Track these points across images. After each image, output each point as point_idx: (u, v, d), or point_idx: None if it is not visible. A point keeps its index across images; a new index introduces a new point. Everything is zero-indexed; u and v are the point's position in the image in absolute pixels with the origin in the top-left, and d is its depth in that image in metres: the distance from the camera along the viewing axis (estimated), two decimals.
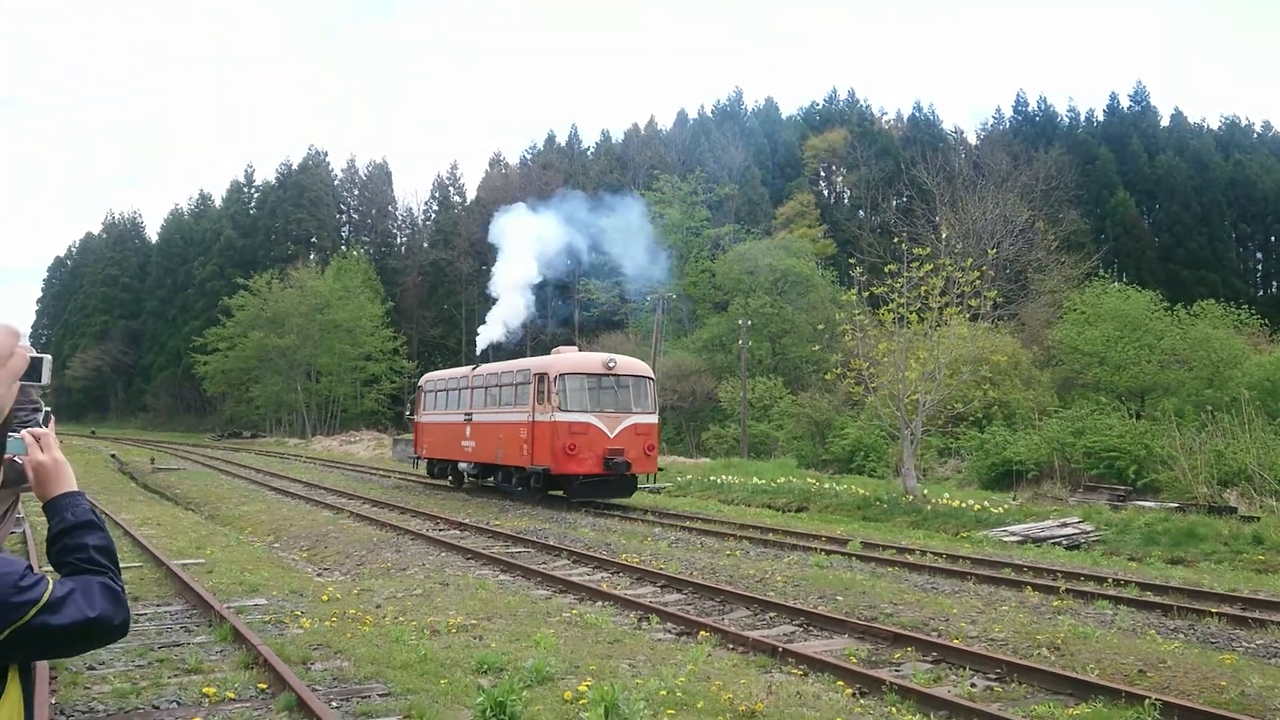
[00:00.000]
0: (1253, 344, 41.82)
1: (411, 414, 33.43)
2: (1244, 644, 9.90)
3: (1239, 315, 43.17)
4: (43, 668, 7.32)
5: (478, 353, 35.05)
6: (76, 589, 2.00)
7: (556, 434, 22.30)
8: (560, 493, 23.83)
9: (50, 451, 2.25)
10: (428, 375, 32.98)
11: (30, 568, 1.96)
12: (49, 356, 3.22)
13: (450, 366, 30.91)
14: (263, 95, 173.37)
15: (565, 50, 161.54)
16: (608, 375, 23.54)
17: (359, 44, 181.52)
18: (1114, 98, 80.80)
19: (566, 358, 24.33)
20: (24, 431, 2.27)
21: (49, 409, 3.00)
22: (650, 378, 24.60)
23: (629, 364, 24.47)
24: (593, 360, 24.12)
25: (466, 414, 27.19)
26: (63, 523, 2.16)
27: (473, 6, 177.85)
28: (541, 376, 23.27)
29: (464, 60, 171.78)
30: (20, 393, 3.12)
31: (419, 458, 31.53)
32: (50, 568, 2.15)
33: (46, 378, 3.17)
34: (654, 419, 24.00)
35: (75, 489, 2.24)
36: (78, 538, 2.13)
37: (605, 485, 23.02)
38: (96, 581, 2.05)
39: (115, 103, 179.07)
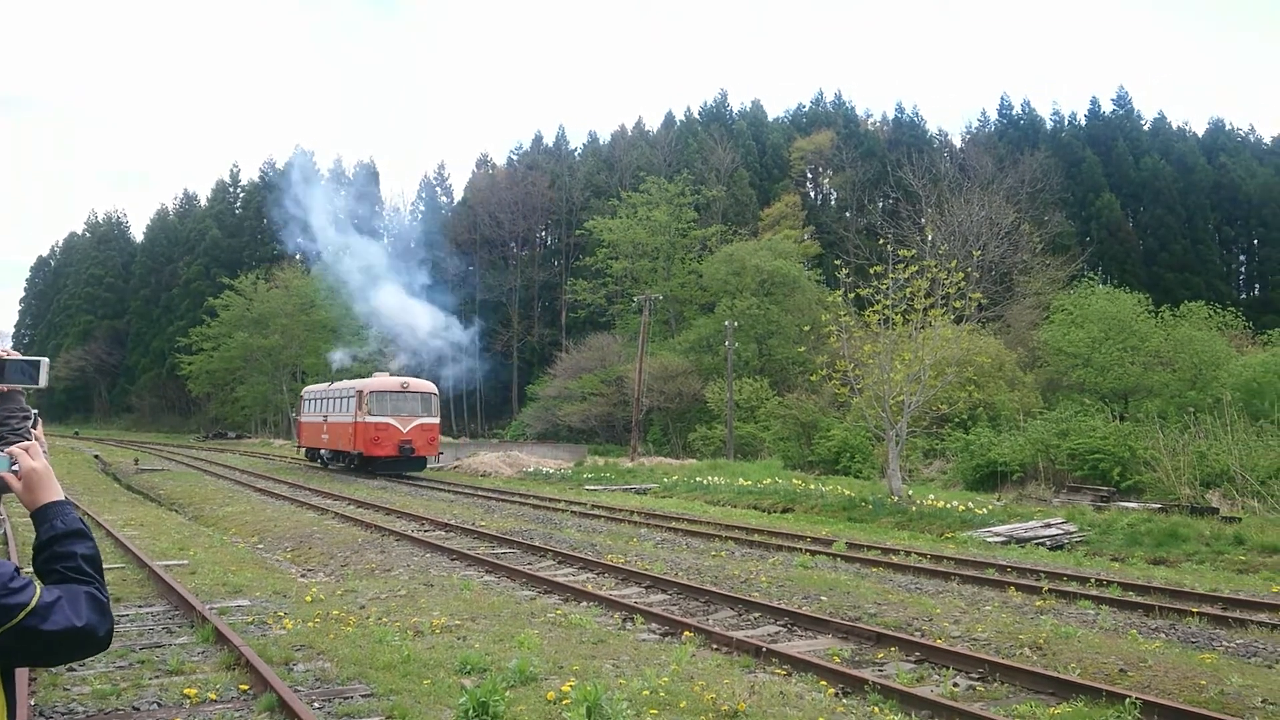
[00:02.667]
0: (1236, 346, 42.06)
1: (296, 414, 44.76)
2: (1224, 643, 9.96)
3: (1223, 317, 43.40)
4: (22, 669, 7.27)
5: (333, 370, 48.80)
6: (64, 597, 1.98)
7: (367, 430, 33.48)
8: (370, 467, 34.31)
9: (39, 458, 2.24)
10: (306, 388, 44.19)
11: (18, 570, 1.95)
12: (46, 360, 3.17)
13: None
14: (248, 95, 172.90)
15: (553, 51, 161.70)
16: (403, 392, 34.60)
17: (346, 44, 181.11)
18: (1095, 102, 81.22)
19: (376, 380, 35.84)
20: (7, 450, 2.26)
21: (36, 411, 2.97)
22: (434, 393, 35.84)
23: (419, 384, 35.95)
24: (393, 382, 35.40)
25: (324, 416, 38.25)
26: (52, 530, 2.13)
27: (461, 7, 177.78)
28: (360, 392, 34.43)
29: (451, 60, 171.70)
30: (10, 400, 3.09)
31: (300, 446, 42.79)
32: (33, 573, 2.13)
33: (44, 380, 3.13)
34: (435, 420, 35.42)
35: (63, 497, 2.23)
36: (67, 546, 2.11)
37: (399, 463, 34.07)
38: (83, 591, 2.03)
39: (100, 101, 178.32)
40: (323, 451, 38.74)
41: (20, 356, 3.13)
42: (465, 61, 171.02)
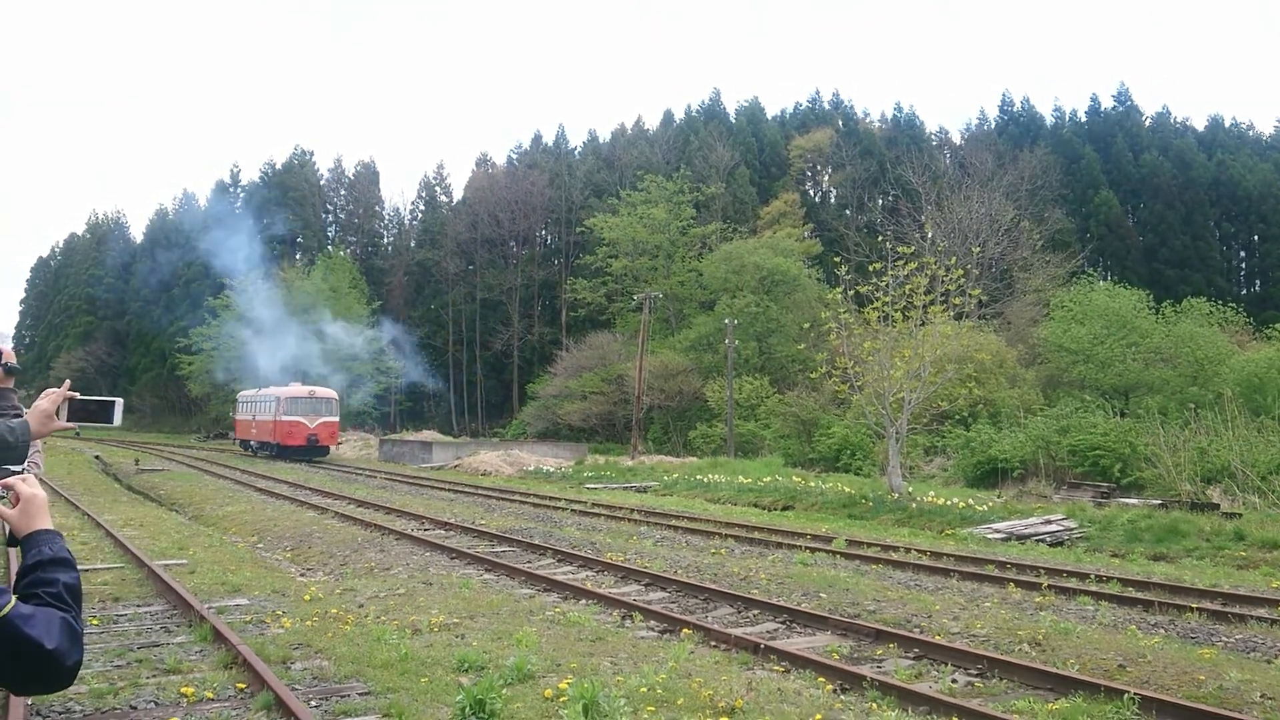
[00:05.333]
0: (1237, 342, 42.02)
1: (234, 414, 55.97)
2: (1224, 639, 9.95)
3: (1224, 313, 43.35)
4: None
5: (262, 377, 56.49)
6: (39, 615, 1.96)
7: (283, 426, 44.33)
8: (290, 454, 44.18)
9: (36, 487, 2.26)
10: (240, 393, 54.36)
11: None
12: (121, 400, 3.16)
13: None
14: (249, 95, 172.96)
15: (553, 50, 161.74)
16: (310, 397, 45.60)
17: (347, 44, 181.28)
18: (1095, 99, 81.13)
19: (290, 388, 46.52)
20: (4, 481, 2.29)
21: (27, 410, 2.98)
22: (334, 398, 47.13)
23: (323, 391, 47.00)
24: (303, 389, 46.44)
25: (253, 415, 49.02)
26: (39, 556, 2.14)
27: (460, 6, 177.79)
28: (278, 398, 45.29)
29: (452, 60, 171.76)
30: (3, 398, 3.11)
31: (235, 439, 54.41)
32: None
33: (118, 419, 3.13)
34: (335, 419, 46.70)
35: (52, 527, 2.24)
36: (51, 572, 2.11)
37: (307, 450, 44.32)
38: (59, 616, 2.00)
39: (100, 102, 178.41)
40: (252, 442, 48.86)
41: (95, 397, 3.11)
42: (465, 61, 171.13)
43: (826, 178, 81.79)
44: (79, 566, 2.22)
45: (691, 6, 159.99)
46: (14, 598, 1.95)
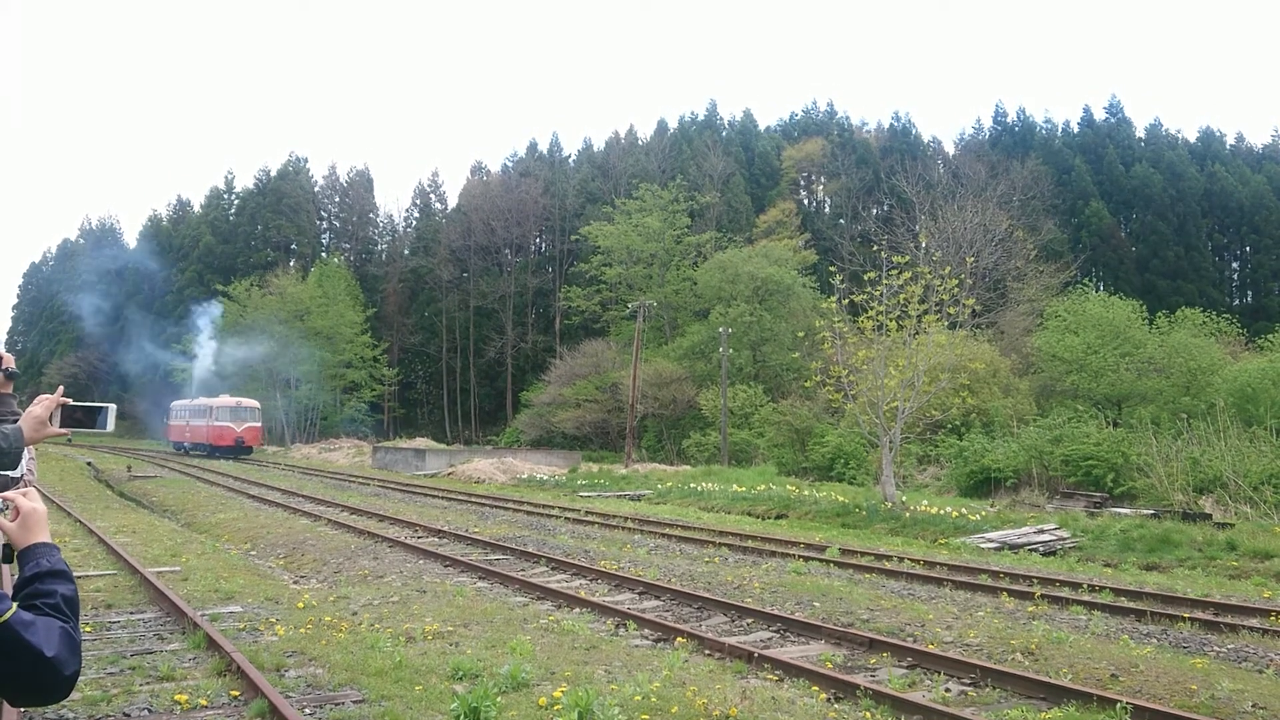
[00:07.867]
0: (1230, 352, 42.12)
1: (167, 420, 63.78)
2: (1216, 648, 9.98)
3: (1218, 324, 43.47)
4: None
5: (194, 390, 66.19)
6: (39, 623, 1.97)
7: (215, 430, 53.73)
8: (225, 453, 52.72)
9: (36, 501, 2.28)
10: (174, 403, 63.29)
11: None
12: (113, 406, 3.19)
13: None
14: (243, 101, 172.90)
15: (548, 59, 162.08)
16: (237, 406, 54.54)
17: (342, 50, 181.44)
18: (1087, 110, 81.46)
19: (220, 399, 55.61)
20: (4, 495, 2.31)
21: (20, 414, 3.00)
22: (257, 407, 56.67)
23: (248, 402, 56.34)
24: (231, 400, 55.43)
25: (187, 421, 58.26)
26: (37, 568, 2.16)
27: (455, 14, 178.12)
28: (211, 407, 54.78)
29: (447, 67, 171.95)
30: (3, 403, 3.13)
31: (170, 441, 62.04)
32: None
33: (110, 425, 3.16)
34: (259, 424, 56.41)
35: (50, 540, 2.26)
36: (49, 584, 2.13)
37: (235, 450, 52.80)
38: (59, 625, 2.02)
39: (95, 106, 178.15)
40: (186, 444, 58.04)
41: (87, 403, 3.14)
42: (461, 69, 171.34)
43: (820, 187, 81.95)
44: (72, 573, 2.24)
45: (687, 16, 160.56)
46: (14, 604, 1.96)
